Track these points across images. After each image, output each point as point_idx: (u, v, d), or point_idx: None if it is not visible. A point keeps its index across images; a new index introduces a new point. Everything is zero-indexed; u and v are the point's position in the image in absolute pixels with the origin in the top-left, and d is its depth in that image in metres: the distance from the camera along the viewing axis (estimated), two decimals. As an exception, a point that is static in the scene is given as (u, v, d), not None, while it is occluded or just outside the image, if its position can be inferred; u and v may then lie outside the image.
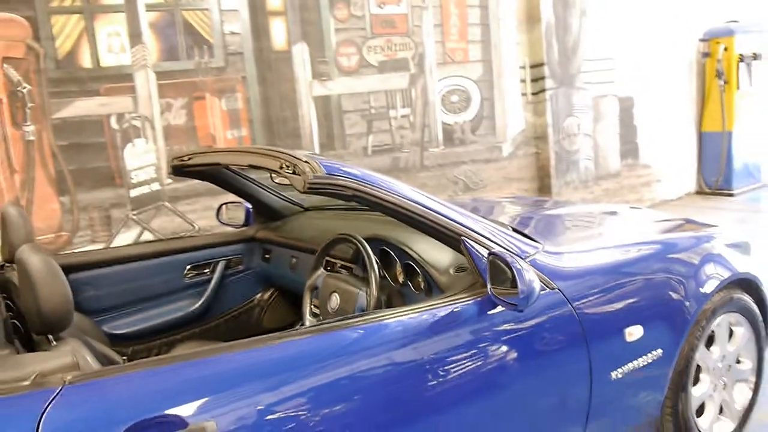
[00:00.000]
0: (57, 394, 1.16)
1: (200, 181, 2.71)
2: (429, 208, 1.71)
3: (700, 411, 2.33)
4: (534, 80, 5.49)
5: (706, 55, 6.65)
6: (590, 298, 1.89)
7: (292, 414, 1.33)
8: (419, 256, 1.93)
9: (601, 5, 5.80)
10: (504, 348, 1.70)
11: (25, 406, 1.14)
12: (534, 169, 5.55)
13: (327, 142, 4.47)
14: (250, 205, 2.94)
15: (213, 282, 2.78)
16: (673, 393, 2.15)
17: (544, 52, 5.41)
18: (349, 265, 2.18)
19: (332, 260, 2.29)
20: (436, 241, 1.87)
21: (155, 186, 3.88)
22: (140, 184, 3.83)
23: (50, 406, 1.14)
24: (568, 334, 1.82)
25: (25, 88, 3.47)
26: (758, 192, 6.93)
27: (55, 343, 1.39)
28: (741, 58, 6.42)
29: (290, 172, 1.63)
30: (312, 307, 2.18)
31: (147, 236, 3.84)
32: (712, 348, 2.31)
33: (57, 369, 1.22)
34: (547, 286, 1.80)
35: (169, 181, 3.91)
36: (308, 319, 2.21)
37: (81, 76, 3.63)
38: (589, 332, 1.85)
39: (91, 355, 1.37)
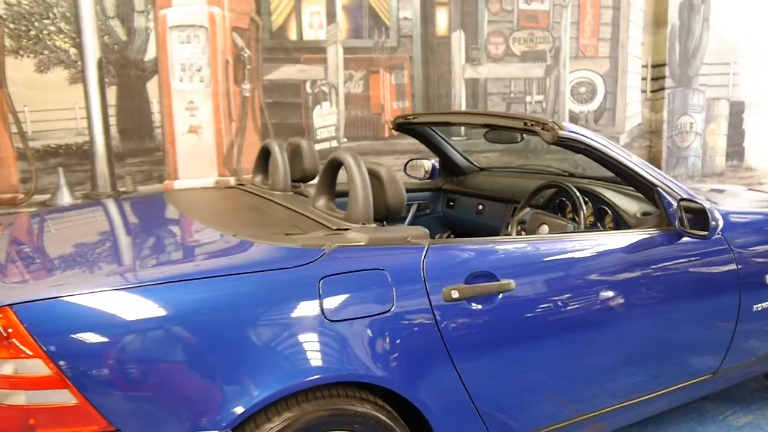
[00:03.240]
0: (426, 249, 1.85)
1: (390, 140, 3.36)
2: (633, 163, 2.32)
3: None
4: (654, 79, 5.96)
5: (820, 67, 6.92)
6: (743, 246, 2.47)
7: (561, 285, 2.01)
8: (612, 201, 2.55)
9: (723, 14, 6.19)
10: (683, 272, 2.31)
11: (412, 252, 1.83)
12: (646, 160, 6.03)
13: (471, 119, 5.11)
14: (436, 163, 3.61)
15: (407, 220, 3.46)
16: (794, 334, 2.70)
17: (667, 53, 5.88)
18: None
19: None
20: (620, 194, 2.51)
21: (334, 143, 4.61)
22: (323, 140, 4.57)
23: (426, 255, 1.83)
24: (728, 269, 2.41)
25: (246, 53, 4.25)
26: None
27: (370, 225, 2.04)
28: None
29: (539, 128, 2.26)
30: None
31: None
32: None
33: (420, 235, 1.90)
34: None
35: (345, 139, 4.64)
36: None
37: (287, 46, 4.39)
38: (742, 271, 2.44)
39: None
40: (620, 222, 2.51)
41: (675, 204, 2.29)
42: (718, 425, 2.71)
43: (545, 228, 2.61)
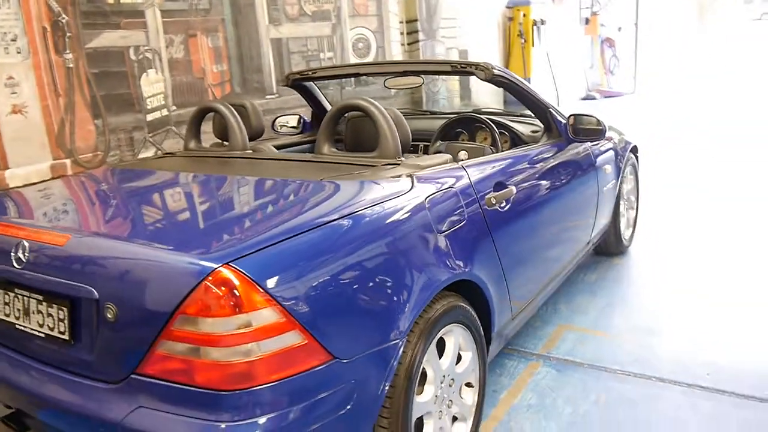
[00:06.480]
0: (465, 168, 2.25)
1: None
2: (536, 93, 2.99)
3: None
4: (409, 33, 6.85)
5: (510, 19, 8.67)
6: (594, 148, 3.37)
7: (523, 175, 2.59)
8: (511, 126, 3.20)
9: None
10: (573, 168, 3.09)
11: (460, 173, 2.21)
12: (411, 105, 6.96)
13: (280, 77, 5.31)
14: (304, 116, 3.84)
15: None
16: (616, 204, 3.76)
17: (417, 10, 6.80)
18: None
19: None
20: (512, 122, 3.20)
21: (164, 112, 4.41)
22: (153, 109, 4.34)
23: (468, 171, 2.23)
24: (591, 163, 3.27)
25: (64, 18, 3.80)
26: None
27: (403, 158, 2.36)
28: (534, 23, 8.56)
29: (472, 69, 2.77)
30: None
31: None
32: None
33: (451, 159, 2.28)
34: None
35: (174, 107, 4.48)
36: None
37: (105, 10, 4.03)
38: (596, 163, 3.33)
39: None
40: (516, 141, 3.19)
41: (564, 120, 3.04)
42: (581, 284, 3.64)
43: (464, 153, 3.16)
